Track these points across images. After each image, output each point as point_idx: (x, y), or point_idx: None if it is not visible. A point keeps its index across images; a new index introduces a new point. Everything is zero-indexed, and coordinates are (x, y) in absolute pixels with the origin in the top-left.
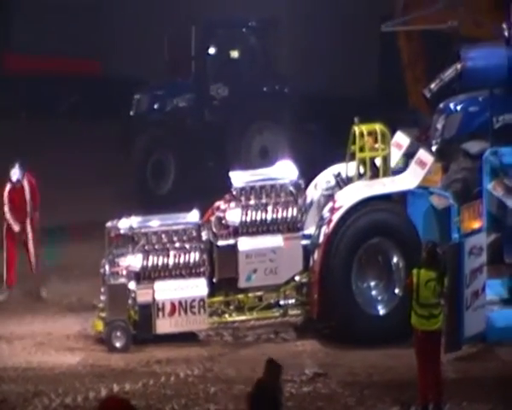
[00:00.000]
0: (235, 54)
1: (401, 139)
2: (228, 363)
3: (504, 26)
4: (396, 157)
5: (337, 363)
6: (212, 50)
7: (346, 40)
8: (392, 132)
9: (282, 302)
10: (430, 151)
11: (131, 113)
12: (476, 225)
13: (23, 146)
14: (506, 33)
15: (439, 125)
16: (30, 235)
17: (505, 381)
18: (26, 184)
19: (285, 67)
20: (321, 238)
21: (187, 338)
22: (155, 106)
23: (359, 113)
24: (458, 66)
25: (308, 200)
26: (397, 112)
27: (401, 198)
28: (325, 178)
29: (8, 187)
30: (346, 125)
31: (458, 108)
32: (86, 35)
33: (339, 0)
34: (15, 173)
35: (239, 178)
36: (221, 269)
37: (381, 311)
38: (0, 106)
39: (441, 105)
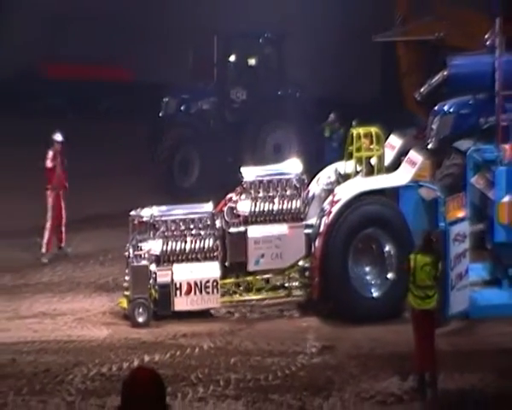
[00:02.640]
0: (252, 61)
1: (394, 141)
2: (246, 337)
3: (487, 36)
4: (389, 157)
5: (343, 337)
6: (232, 58)
7: (351, 49)
8: (388, 134)
9: (286, 284)
10: (420, 152)
11: (160, 114)
12: (460, 214)
13: (69, 142)
14: (488, 43)
15: (434, 126)
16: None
17: (490, 353)
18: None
19: (297, 73)
20: (321, 228)
21: (210, 315)
22: (182, 108)
23: (363, 114)
24: (445, 72)
25: (310, 194)
26: (396, 114)
27: (394, 192)
28: (326, 174)
29: (51, 151)
30: (350, 126)
31: (451, 110)
32: (121, 45)
33: (345, 14)
34: (59, 136)
35: (249, 173)
36: (232, 254)
37: (375, 293)
38: (49, 107)
39: (436, 107)
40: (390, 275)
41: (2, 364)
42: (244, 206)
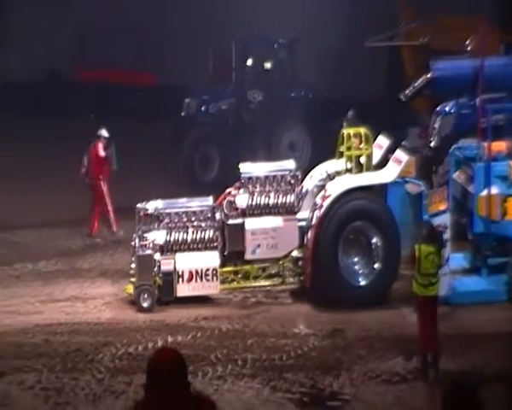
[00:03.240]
0: (268, 65)
1: (382, 141)
2: (261, 320)
3: (468, 41)
4: (377, 155)
5: (352, 321)
6: (249, 62)
7: (359, 53)
8: (377, 134)
9: (281, 273)
10: (405, 151)
11: (182, 114)
12: (442, 207)
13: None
14: (469, 47)
15: (436, 125)
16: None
17: (480, 336)
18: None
19: (309, 76)
20: (314, 221)
21: (228, 299)
22: (202, 108)
23: (370, 114)
24: (428, 75)
25: (304, 189)
26: (401, 113)
27: (383, 187)
28: (319, 171)
29: (97, 144)
30: (361, 124)
31: (452, 110)
32: (145, 50)
33: (353, 19)
34: (105, 132)
35: (247, 169)
36: (231, 244)
37: (362, 282)
38: (73, 109)
39: (438, 108)
40: (377, 265)
41: (37, 344)
42: (242, 199)
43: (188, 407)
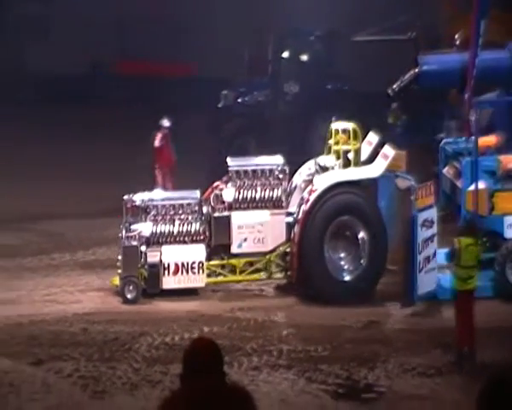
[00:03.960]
0: (304, 57)
1: (372, 138)
2: (297, 311)
3: (457, 36)
4: (367, 152)
5: (388, 313)
6: (285, 54)
7: (393, 46)
8: (366, 131)
9: (267, 267)
10: (393, 146)
11: (219, 105)
12: (429, 201)
13: (137, 131)
14: (457, 42)
15: (473, 118)
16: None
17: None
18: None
19: (345, 68)
20: (300, 215)
21: (265, 291)
22: (239, 100)
23: (410, 106)
24: (416, 70)
25: (293, 184)
26: (440, 105)
27: (373, 182)
28: (307, 166)
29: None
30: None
31: (490, 103)
32: (185, 42)
33: (388, 9)
34: (166, 122)
35: (235, 162)
36: (217, 236)
37: (348, 277)
38: (115, 100)
39: (477, 101)
40: (363, 261)
41: (75, 333)
42: (229, 193)
43: (223, 398)
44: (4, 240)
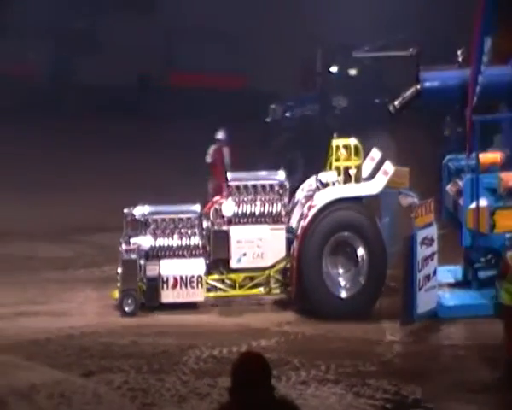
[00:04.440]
0: (352, 72)
1: (375, 154)
2: (345, 326)
3: (459, 52)
4: (369, 168)
5: (436, 329)
6: (333, 69)
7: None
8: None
9: (267, 282)
10: (393, 163)
11: (268, 119)
12: (429, 219)
13: (184, 145)
14: (460, 59)
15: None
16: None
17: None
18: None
19: (394, 82)
20: (299, 231)
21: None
22: (287, 114)
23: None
24: (418, 86)
25: (295, 200)
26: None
27: (375, 198)
28: (309, 182)
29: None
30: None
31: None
32: (235, 56)
33: (439, 26)
34: (220, 134)
35: (235, 177)
36: (216, 251)
37: (347, 294)
38: (167, 114)
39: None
40: (361, 278)
41: (125, 345)
42: (228, 207)
43: None
44: (57, 252)
